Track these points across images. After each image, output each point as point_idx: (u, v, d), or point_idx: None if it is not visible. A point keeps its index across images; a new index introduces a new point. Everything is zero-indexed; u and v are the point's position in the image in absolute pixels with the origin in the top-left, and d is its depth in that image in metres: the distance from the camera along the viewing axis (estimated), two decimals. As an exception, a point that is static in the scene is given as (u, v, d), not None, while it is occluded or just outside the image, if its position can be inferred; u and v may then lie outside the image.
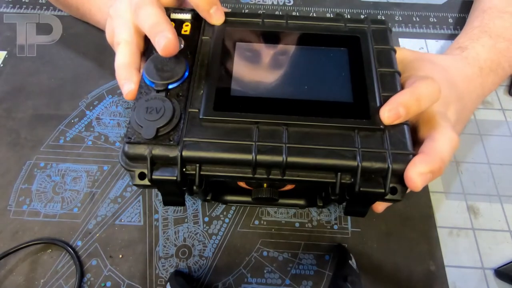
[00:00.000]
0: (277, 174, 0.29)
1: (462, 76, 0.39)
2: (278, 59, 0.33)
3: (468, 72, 0.40)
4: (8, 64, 0.52)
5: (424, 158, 0.27)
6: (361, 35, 0.34)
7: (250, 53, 0.33)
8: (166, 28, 0.30)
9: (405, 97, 0.29)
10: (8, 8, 0.57)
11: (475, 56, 0.42)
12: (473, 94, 0.40)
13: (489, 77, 0.42)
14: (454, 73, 0.38)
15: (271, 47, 0.34)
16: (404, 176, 0.27)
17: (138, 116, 0.28)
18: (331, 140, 0.28)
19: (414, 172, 0.27)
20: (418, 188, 0.27)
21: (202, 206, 0.42)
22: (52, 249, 0.39)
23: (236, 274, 0.38)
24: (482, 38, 0.44)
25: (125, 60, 0.33)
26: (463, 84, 0.38)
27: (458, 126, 0.36)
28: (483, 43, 0.43)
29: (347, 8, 0.59)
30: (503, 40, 0.43)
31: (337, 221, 0.41)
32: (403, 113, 0.28)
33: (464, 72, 0.40)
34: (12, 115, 0.47)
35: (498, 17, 0.46)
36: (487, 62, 0.42)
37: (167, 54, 0.30)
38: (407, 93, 0.29)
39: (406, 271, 0.39)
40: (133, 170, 0.29)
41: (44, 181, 0.43)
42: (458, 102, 0.35)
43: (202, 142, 0.28)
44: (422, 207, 0.42)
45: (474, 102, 0.41)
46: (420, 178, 0.26)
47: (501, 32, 0.44)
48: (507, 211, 0.42)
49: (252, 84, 0.32)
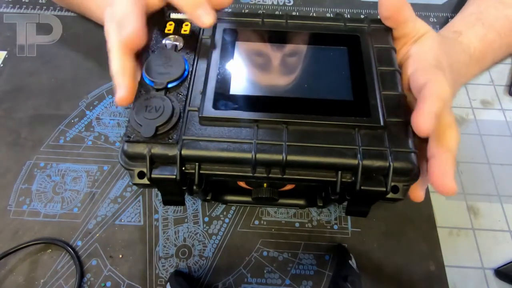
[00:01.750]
0: (277, 173, 0.29)
1: (457, 62, 0.39)
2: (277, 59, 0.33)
3: (461, 58, 0.40)
4: (8, 64, 0.52)
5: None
6: (361, 34, 0.34)
7: (249, 52, 0.33)
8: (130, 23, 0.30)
9: (435, 107, 0.27)
10: (8, 8, 0.57)
11: (468, 43, 0.42)
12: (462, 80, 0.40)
13: (474, 67, 0.42)
14: (453, 58, 0.38)
15: (270, 46, 0.34)
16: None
17: (137, 115, 0.28)
18: (331, 138, 0.28)
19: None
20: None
21: (202, 206, 0.42)
22: (52, 249, 0.39)
23: (236, 274, 0.38)
24: (476, 26, 0.44)
25: (118, 67, 0.32)
26: (457, 70, 0.38)
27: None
28: (476, 32, 0.43)
29: (347, 8, 0.59)
30: (493, 31, 0.44)
31: (337, 221, 0.41)
32: (437, 121, 0.27)
33: (459, 58, 0.40)
34: (12, 115, 0.47)
35: (493, 6, 0.46)
36: (476, 51, 0.42)
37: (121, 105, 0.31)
38: (436, 103, 0.28)
39: (406, 271, 0.39)
40: (132, 169, 0.29)
41: (44, 181, 0.43)
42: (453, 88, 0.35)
43: (201, 140, 0.28)
44: (422, 207, 0.42)
45: (458, 89, 0.41)
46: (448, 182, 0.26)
47: (493, 22, 0.45)
48: (507, 211, 0.42)
49: (252, 82, 0.32)
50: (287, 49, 0.34)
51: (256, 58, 0.33)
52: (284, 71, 0.33)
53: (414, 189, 0.31)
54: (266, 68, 0.33)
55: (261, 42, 0.34)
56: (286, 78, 0.32)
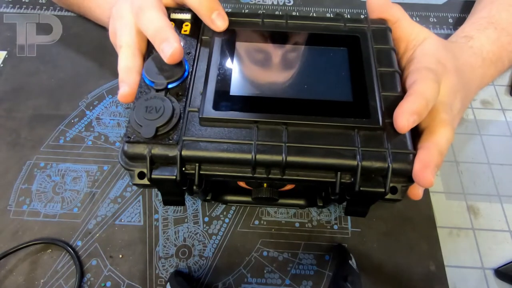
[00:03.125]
0: (276, 174, 0.29)
1: (467, 65, 0.39)
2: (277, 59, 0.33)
3: (472, 61, 0.40)
4: (8, 64, 0.52)
5: (425, 153, 0.28)
6: (361, 34, 0.34)
7: (249, 53, 0.33)
8: (170, 35, 0.30)
9: (416, 105, 0.29)
10: (8, 8, 0.57)
11: (479, 46, 0.41)
12: (474, 83, 0.40)
13: (489, 69, 0.42)
14: (461, 61, 0.38)
15: (270, 46, 0.34)
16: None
17: (137, 116, 0.28)
18: (331, 139, 0.28)
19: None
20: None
21: (202, 206, 0.42)
22: (52, 249, 0.39)
23: (236, 274, 0.38)
24: (488, 29, 0.44)
25: (126, 64, 0.32)
26: (468, 73, 0.38)
27: (460, 114, 0.36)
28: (488, 35, 0.43)
29: (347, 8, 0.59)
30: (507, 34, 0.43)
31: (337, 221, 0.41)
32: (417, 120, 0.28)
33: (469, 61, 0.40)
34: (12, 115, 0.47)
35: (505, 10, 0.46)
36: (489, 54, 0.41)
37: (173, 62, 0.30)
38: (416, 100, 0.29)
39: (406, 271, 0.39)
40: (132, 169, 0.29)
41: (44, 181, 0.43)
42: (463, 90, 0.35)
43: (201, 141, 0.28)
44: (422, 207, 0.42)
45: (473, 92, 0.41)
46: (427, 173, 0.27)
47: (506, 25, 0.44)
48: (507, 211, 0.42)
49: (252, 83, 0.32)
50: (287, 50, 0.34)
51: (256, 59, 0.33)
52: (284, 71, 0.33)
53: (413, 187, 0.31)
54: (266, 69, 0.33)
55: (261, 43, 0.34)
56: (286, 78, 0.32)
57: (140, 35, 0.33)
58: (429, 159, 0.27)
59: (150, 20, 0.32)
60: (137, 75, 0.32)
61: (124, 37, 0.33)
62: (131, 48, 0.33)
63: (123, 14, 0.34)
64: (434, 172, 0.27)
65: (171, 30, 0.31)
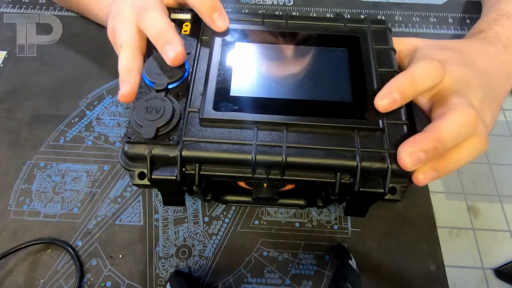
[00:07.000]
0: (276, 174, 0.29)
1: (480, 54, 0.37)
2: (277, 59, 0.33)
3: (490, 51, 0.39)
4: (8, 64, 0.52)
5: (416, 136, 0.27)
6: (361, 35, 0.34)
7: (249, 53, 0.33)
8: (173, 37, 0.30)
9: (397, 81, 0.28)
10: (8, 8, 0.57)
11: (495, 35, 0.40)
12: (499, 71, 0.38)
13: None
14: (469, 53, 0.37)
15: (270, 47, 0.34)
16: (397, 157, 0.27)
17: (137, 116, 0.28)
18: (330, 140, 0.28)
19: (404, 151, 0.26)
20: (409, 168, 0.27)
21: (202, 206, 0.42)
22: (52, 249, 0.39)
23: (236, 274, 0.38)
24: (500, 20, 0.42)
25: (127, 64, 0.32)
26: (483, 62, 0.37)
27: (491, 102, 0.35)
28: (502, 24, 0.42)
29: (347, 8, 0.59)
30: None
31: (337, 221, 0.41)
32: (398, 98, 0.28)
33: (484, 51, 0.38)
34: (12, 115, 0.47)
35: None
36: (510, 40, 0.40)
37: (176, 65, 0.30)
38: (399, 77, 0.29)
39: (406, 271, 0.39)
40: (132, 169, 0.29)
41: (44, 181, 0.43)
42: (481, 78, 0.34)
43: (201, 142, 0.28)
44: (422, 207, 0.42)
45: (502, 79, 0.38)
46: (410, 157, 0.26)
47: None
48: (507, 211, 0.42)
49: (252, 84, 0.32)
50: (287, 50, 0.34)
51: (256, 59, 0.33)
52: (284, 72, 0.33)
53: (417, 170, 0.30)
54: (266, 69, 0.33)
55: (261, 43, 0.34)
56: (286, 79, 0.32)
57: (140, 34, 0.33)
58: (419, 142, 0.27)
59: (153, 21, 0.31)
60: (138, 75, 0.32)
61: (124, 36, 0.33)
62: (131, 47, 0.33)
63: (123, 13, 0.34)
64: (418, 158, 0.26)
65: (174, 32, 0.31)
